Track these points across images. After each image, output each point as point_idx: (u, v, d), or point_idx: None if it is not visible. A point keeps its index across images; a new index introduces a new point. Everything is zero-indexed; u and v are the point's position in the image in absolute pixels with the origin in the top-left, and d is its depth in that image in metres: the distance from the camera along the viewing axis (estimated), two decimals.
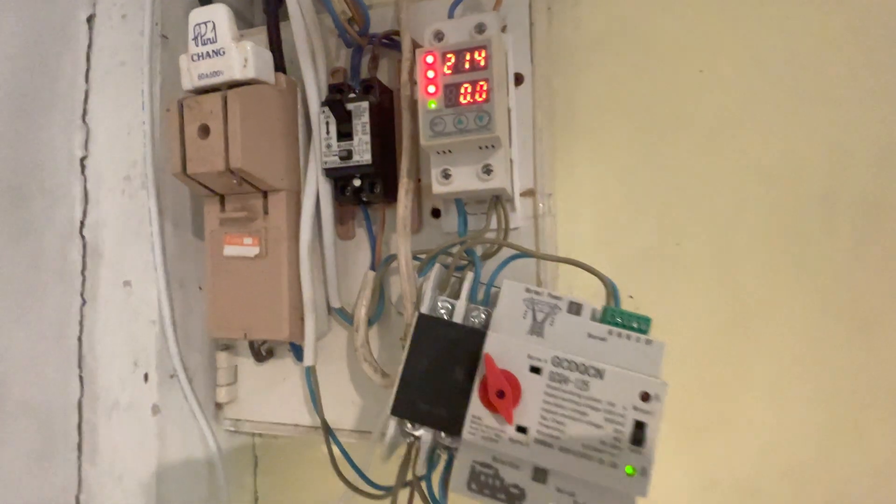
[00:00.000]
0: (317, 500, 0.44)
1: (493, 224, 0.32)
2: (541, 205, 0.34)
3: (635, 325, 0.25)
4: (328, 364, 0.38)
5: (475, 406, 0.24)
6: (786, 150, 0.34)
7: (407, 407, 0.25)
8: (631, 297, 0.36)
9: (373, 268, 0.35)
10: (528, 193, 0.34)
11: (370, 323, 0.35)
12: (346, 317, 0.37)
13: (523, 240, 0.34)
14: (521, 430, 0.23)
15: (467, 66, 0.25)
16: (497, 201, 0.31)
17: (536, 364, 0.24)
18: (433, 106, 0.26)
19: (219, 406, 0.41)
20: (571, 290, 0.36)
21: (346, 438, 0.37)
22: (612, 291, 0.26)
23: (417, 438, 0.26)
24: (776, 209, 0.34)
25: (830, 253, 0.33)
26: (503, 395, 0.23)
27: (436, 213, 0.36)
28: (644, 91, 0.37)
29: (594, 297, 0.26)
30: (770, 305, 0.34)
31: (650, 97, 0.37)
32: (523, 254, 0.28)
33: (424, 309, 0.27)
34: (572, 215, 0.38)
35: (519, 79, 0.34)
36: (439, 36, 0.27)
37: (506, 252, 0.30)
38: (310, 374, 0.34)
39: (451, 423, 0.24)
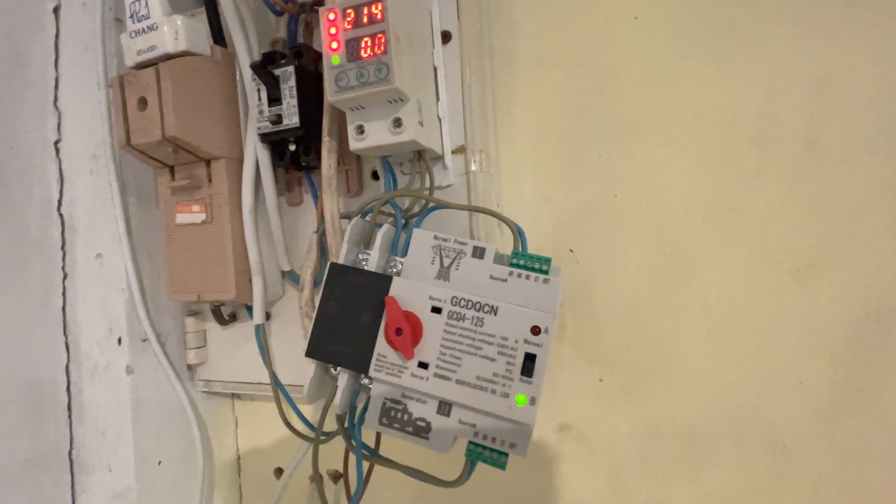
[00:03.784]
0: (291, 455, 0.46)
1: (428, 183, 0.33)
2: (472, 161, 0.34)
3: (537, 266, 0.25)
4: (284, 325, 0.40)
5: (380, 345, 0.25)
6: (719, 95, 0.33)
7: (319, 349, 0.26)
8: (571, 250, 0.37)
9: (317, 231, 0.37)
10: (460, 150, 0.34)
11: (317, 283, 0.37)
12: (297, 280, 0.38)
13: (457, 196, 0.34)
14: (423, 365, 0.25)
15: (366, 20, 0.26)
16: (419, 157, 0.31)
17: (437, 304, 0.25)
18: (337, 62, 0.27)
19: (190, 368, 0.44)
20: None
21: (302, 394, 0.39)
22: (518, 236, 0.27)
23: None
24: (710, 155, 0.34)
25: (764, 196, 0.32)
26: (401, 333, 0.24)
27: (375, 176, 0.37)
28: (580, 42, 0.36)
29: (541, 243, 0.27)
30: (705, 251, 0.34)
31: (586, 48, 0.36)
32: (439, 206, 0.29)
33: (341, 260, 0.28)
34: (514, 172, 0.38)
35: (446, 36, 0.34)
36: None
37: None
38: (258, 331, 0.36)
39: (359, 362, 0.26)
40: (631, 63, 0.35)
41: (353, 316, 0.26)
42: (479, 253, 0.26)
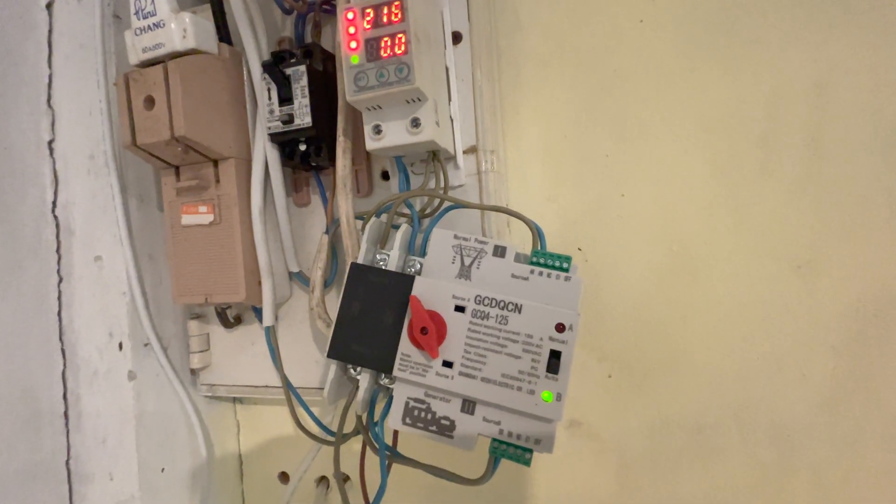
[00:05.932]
0: (296, 459, 0.46)
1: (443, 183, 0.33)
2: (483, 161, 0.34)
3: (557, 264, 0.26)
4: (292, 327, 0.39)
5: (404, 345, 0.25)
6: (723, 96, 0.34)
7: (342, 349, 0.26)
8: (579, 249, 0.37)
9: (327, 232, 0.37)
10: (471, 150, 0.34)
11: (327, 284, 0.37)
12: (305, 281, 0.38)
13: (468, 196, 0.35)
14: (448, 364, 0.25)
15: (385, 20, 0.26)
16: (434, 157, 0.31)
17: (460, 303, 0.25)
18: (356, 61, 0.27)
19: (194, 372, 0.43)
20: (524, 239, 0.37)
21: (312, 396, 0.38)
22: (536, 234, 0.27)
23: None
24: (715, 155, 0.34)
25: (766, 195, 0.33)
26: (426, 332, 0.24)
27: (385, 176, 0.37)
28: (586, 44, 0.37)
29: (549, 242, 0.28)
30: (710, 249, 0.35)
31: (592, 50, 0.37)
32: (456, 205, 0.29)
33: (360, 260, 0.28)
34: (521, 172, 0.39)
35: (457, 37, 0.34)
36: None
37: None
38: (269, 333, 0.36)
39: (383, 362, 0.25)
40: (636, 65, 0.36)
41: (375, 316, 0.26)
42: (500, 252, 0.26)
